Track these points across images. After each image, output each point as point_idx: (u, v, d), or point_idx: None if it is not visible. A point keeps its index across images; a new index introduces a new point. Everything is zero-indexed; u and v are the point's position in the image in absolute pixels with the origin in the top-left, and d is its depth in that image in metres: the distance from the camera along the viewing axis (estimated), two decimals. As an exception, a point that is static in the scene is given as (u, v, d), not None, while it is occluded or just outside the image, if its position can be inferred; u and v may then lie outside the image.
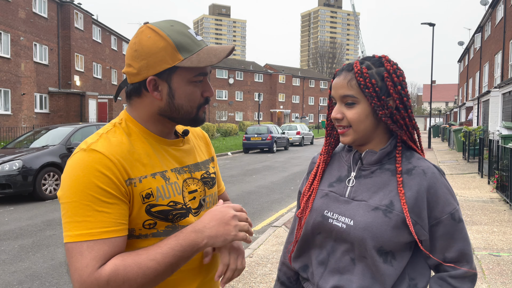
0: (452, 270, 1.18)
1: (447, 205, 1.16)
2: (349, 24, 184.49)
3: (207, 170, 1.29)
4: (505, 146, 7.85)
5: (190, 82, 1.11)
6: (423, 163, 1.20)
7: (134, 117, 1.15)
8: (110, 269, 0.97)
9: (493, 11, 24.87)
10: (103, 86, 32.55)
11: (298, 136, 28.04)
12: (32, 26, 23.71)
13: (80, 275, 0.96)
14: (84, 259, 0.97)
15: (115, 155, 1.04)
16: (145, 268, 1.00)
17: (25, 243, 5.61)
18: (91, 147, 1.04)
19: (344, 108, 1.19)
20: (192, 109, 1.14)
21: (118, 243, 1.01)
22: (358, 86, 1.16)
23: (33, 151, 9.02)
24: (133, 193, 1.05)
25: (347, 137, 1.20)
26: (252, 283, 4.05)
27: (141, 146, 1.12)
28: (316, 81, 67.56)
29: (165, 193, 1.10)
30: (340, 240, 1.20)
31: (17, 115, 22.59)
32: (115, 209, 1.01)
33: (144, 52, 1.07)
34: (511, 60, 19.94)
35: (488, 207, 7.38)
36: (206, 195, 1.25)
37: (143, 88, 1.11)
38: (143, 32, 1.09)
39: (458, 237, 1.17)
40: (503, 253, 4.86)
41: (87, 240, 0.98)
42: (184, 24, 1.14)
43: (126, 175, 1.04)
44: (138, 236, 1.09)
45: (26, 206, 8.15)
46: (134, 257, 1.00)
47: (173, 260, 1.03)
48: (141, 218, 1.07)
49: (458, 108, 37.46)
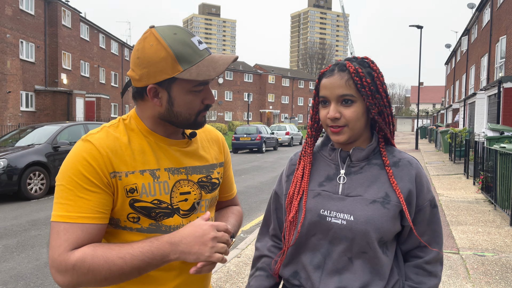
0: (422, 253, 1.26)
1: (428, 193, 1.25)
2: (338, 26, 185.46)
3: (208, 174, 1.27)
4: (490, 148, 7.97)
5: (190, 91, 1.13)
6: (405, 155, 1.29)
7: (139, 116, 1.20)
8: (79, 256, 1.02)
9: (479, 15, 25.23)
10: (90, 85, 32.20)
11: (287, 137, 28.12)
12: (18, 23, 23.35)
13: (53, 253, 1.03)
14: (59, 239, 1.03)
15: (105, 148, 1.09)
16: (111, 264, 1.03)
17: (9, 243, 5.53)
18: (87, 138, 1.11)
19: (341, 108, 1.20)
20: (190, 116, 1.16)
21: (92, 231, 1.06)
22: (355, 85, 1.19)
23: (18, 150, 8.89)
24: (117, 186, 1.09)
25: (342, 135, 1.21)
26: (240, 283, 4.04)
27: (139, 143, 1.15)
28: (305, 81, 67.78)
29: (151, 190, 1.13)
30: (337, 239, 1.20)
31: (2, 113, 22.23)
32: (95, 197, 1.06)
33: (145, 61, 1.09)
34: (497, 63, 20.24)
35: (473, 208, 7.48)
36: (202, 199, 1.24)
37: (145, 93, 1.14)
38: (147, 39, 1.10)
39: (433, 221, 1.27)
40: (487, 253, 4.93)
41: (65, 222, 1.04)
42: (188, 32, 1.14)
43: (111, 168, 1.09)
44: (124, 228, 1.13)
45: (11, 206, 8.03)
46: (104, 250, 1.04)
47: (140, 264, 1.04)
48: (125, 210, 1.11)
49: (445, 110, 37.92)
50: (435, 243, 1.27)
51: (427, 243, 1.26)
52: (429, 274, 1.25)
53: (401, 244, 1.28)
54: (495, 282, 4.05)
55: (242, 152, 22.99)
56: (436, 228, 1.27)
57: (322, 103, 1.25)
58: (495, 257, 4.79)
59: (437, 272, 1.27)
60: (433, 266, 1.26)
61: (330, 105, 1.22)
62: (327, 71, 1.24)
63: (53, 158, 9.30)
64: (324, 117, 1.23)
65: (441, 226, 1.29)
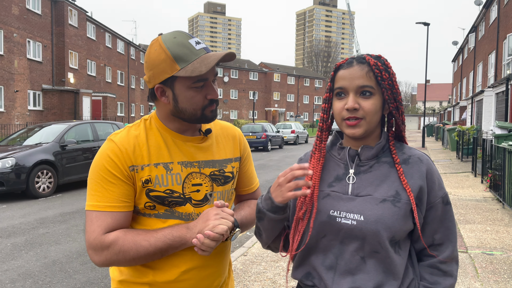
0: (436, 252, 1.23)
1: (440, 189, 1.23)
2: (344, 23, 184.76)
3: (221, 168, 1.38)
4: (498, 146, 7.91)
5: (190, 88, 1.24)
6: (415, 151, 1.26)
7: (158, 115, 1.34)
8: (112, 238, 1.21)
9: (487, 11, 25.02)
10: (97, 84, 32.36)
11: (292, 135, 28.08)
12: (25, 22, 23.51)
13: (89, 237, 1.22)
14: (93, 225, 1.22)
15: (125, 145, 1.26)
16: (138, 245, 1.21)
17: (17, 241, 5.57)
18: (111, 137, 1.29)
19: (360, 99, 1.18)
20: (196, 111, 1.27)
21: (119, 217, 1.24)
22: (375, 78, 1.18)
23: (26, 149, 8.95)
24: (135, 178, 1.25)
25: (359, 128, 1.18)
26: (247, 281, 4.05)
27: (155, 139, 1.30)
28: (311, 79, 67.62)
29: (163, 181, 1.27)
30: (348, 239, 1.18)
31: (10, 112, 22.41)
32: (118, 188, 1.23)
33: (150, 64, 1.25)
34: (505, 60, 20.06)
35: (481, 206, 7.42)
36: (214, 191, 1.35)
37: (155, 93, 1.29)
38: (153, 45, 1.25)
39: (446, 218, 1.24)
40: (496, 252, 4.89)
41: (96, 210, 1.23)
42: (187, 34, 1.27)
43: (130, 162, 1.25)
44: (143, 214, 1.29)
45: (19, 204, 8.09)
46: (134, 235, 1.23)
47: (162, 246, 1.22)
48: (142, 199, 1.27)
49: (452, 107, 37.67)
50: (449, 241, 1.23)
51: (441, 241, 1.23)
52: (444, 273, 1.22)
53: (414, 243, 1.25)
54: (503, 281, 4.01)
55: (248, 150, 22.97)
56: (449, 225, 1.23)
57: (338, 95, 1.21)
58: (504, 255, 4.76)
59: (453, 272, 1.23)
60: (448, 265, 1.22)
61: (348, 96, 1.19)
62: (345, 63, 1.22)
63: (60, 157, 9.36)
64: (340, 109, 1.20)
65: (455, 223, 1.26)
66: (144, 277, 1.29)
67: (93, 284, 4.12)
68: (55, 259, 4.85)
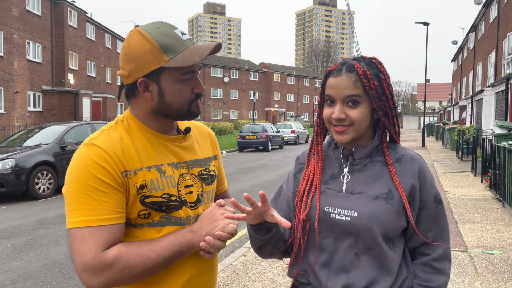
0: (429, 250, 1.25)
1: (432, 188, 1.25)
2: (343, 23, 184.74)
3: (206, 167, 1.33)
4: (498, 145, 7.90)
5: (178, 80, 1.17)
6: (408, 151, 1.29)
7: (134, 115, 1.23)
8: (115, 254, 1.06)
9: (486, 11, 25.01)
10: (97, 85, 32.37)
11: (293, 135, 28.08)
12: (25, 23, 23.52)
13: (84, 258, 1.05)
14: (86, 244, 1.05)
15: (113, 149, 1.13)
16: (145, 258, 1.09)
17: (18, 242, 5.57)
18: (92, 142, 1.14)
19: (347, 108, 1.21)
20: (183, 106, 1.20)
21: (116, 230, 1.10)
22: (363, 87, 1.19)
23: (26, 150, 8.96)
24: (129, 184, 1.13)
25: (347, 135, 1.21)
26: (247, 281, 4.05)
27: (140, 141, 1.19)
28: (311, 80, 67.64)
29: (159, 185, 1.17)
30: (342, 235, 1.21)
31: (10, 113, 22.41)
32: (112, 198, 1.10)
33: (132, 56, 1.14)
34: (505, 59, 20.06)
35: (481, 205, 7.42)
36: (204, 191, 1.30)
37: (136, 89, 1.18)
38: (132, 36, 1.16)
39: (439, 217, 1.26)
40: (496, 251, 4.89)
41: (88, 226, 1.06)
42: (171, 24, 1.19)
43: (122, 167, 1.12)
44: (134, 225, 1.17)
45: (19, 205, 8.09)
46: (136, 247, 1.10)
47: (170, 254, 1.12)
48: (136, 208, 1.15)
49: (452, 107, 37.65)
50: (442, 239, 1.26)
51: (434, 239, 1.25)
52: (437, 271, 1.24)
53: (408, 241, 1.28)
54: (503, 280, 4.01)
55: (248, 150, 22.99)
56: (442, 223, 1.26)
57: (327, 102, 1.25)
58: (504, 255, 4.75)
59: (446, 270, 1.25)
60: (441, 263, 1.25)
61: (336, 105, 1.22)
62: (335, 70, 1.24)
63: (60, 158, 9.36)
64: (328, 116, 1.24)
65: (447, 222, 1.28)
66: None
67: (93, 285, 4.12)
68: (55, 260, 4.85)
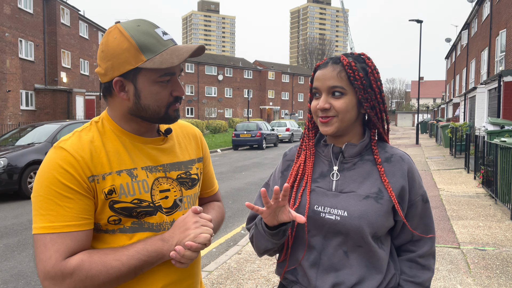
0: (414, 247, 1.27)
1: (420, 188, 1.27)
2: (338, 21, 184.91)
3: (187, 171, 1.26)
4: (490, 142, 7.96)
5: (156, 82, 1.11)
6: (397, 150, 1.30)
7: (110, 115, 1.18)
8: (76, 263, 1.02)
9: (479, 8, 25.14)
10: (90, 83, 32.18)
11: (287, 133, 28.11)
12: (17, 22, 23.30)
13: (44, 266, 1.01)
14: (47, 251, 1.02)
15: (80, 153, 1.08)
16: (109, 267, 1.04)
17: (10, 242, 5.54)
18: (60, 145, 1.09)
19: (331, 99, 1.21)
20: (159, 109, 1.14)
21: (80, 238, 1.05)
22: (347, 78, 1.20)
23: (18, 149, 8.89)
24: (96, 189, 1.08)
25: (331, 126, 1.21)
26: (241, 279, 4.05)
27: (112, 144, 1.14)
28: (305, 77, 67.68)
29: (129, 190, 1.11)
30: (331, 234, 1.20)
31: (2, 112, 22.23)
32: (77, 204, 1.05)
33: (109, 53, 1.09)
34: (497, 57, 20.18)
35: (474, 202, 7.47)
36: (183, 196, 1.23)
37: (112, 88, 1.13)
38: (111, 33, 1.11)
39: (425, 215, 1.29)
40: (488, 248, 4.93)
41: (50, 233, 1.02)
42: (152, 23, 1.14)
43: (89, 172, 1.07)
44: (105, 231, 1.12)
45: (12, 205, 8.04)
46: (100, 255, 1.05)
47: (137, 263, 1.07)
48: (105, 213, 1.10)
49: (445, 104, 37.85)
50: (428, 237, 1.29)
51: (419, 237, 1.28)
52: (422, 267, 1.27)
53: (394, 239, 1.29)
54: (495, 276, 4.04)
55: (242, 148, 22.98)
56: (428, 222, 1.29)
57: (314, 95, 1.26)
58: (496, 251, 4.79)
59: (431, 265, 1.28)
60: (426, 259, 1.28)
61: (321, 96, 1.23)
62: (322, 64, 1.26)
63: (53, 157, 9.30)
64: (314, 108, 1.24)
65: (433, 220, 1.32)
66: None
67: (86, 285, 4.10)
68: (48, 259, 4.82)
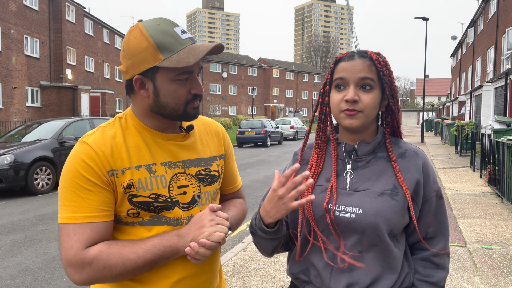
0: (428, 245, 1.24)
1: (434, 183, 1.24)
2: (342, 18, 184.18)
3: (207, 167, 1.28)
4: (497, 140, 7.91)
5: (174, 80, 1.14)
6: (411, 145, 1.28)
7: (133, 112, 1.22)
8: (95, 253, 1.07)
9: (486, 6, 24.95)
10: (95, 80, 32.26)
11: (292, 131, 28.08)
12: (23, 18, 23.39)
13: (66, 254, 1.08)
14: (70, 240, 1.08)
15: (101, 148, 1.13)
16: (126, 259, 1.08)
17: (17, 238, 5.57)
18: (84, 140, 1.15)
19: (360, 92, 1.17)
20: (178, 107, 1.16)
21: (100, 228, 1.10)
22: (377, 72, 1.18)
23: (24, 145, 8.94)
24: (116, 183, 1.13)
25: (357, 120, 1.17)
26: (246, 276, 4.05)
27: (134, 139, 1.18)
28: (310, 75, 67.51)
29: (147, 185, 1.15)
30: (347, 233, 1.18)
31: (8, 109, 22.34)
32: (97, 196, 1.10)
33: (129, 52, 1.13)
34: (504, 55, 20.03)
35: (480, 201, 7.44)
36: (202, 192, 1.25)
37: (134, 86, 1.17)
38: (132, 32, 1.14)
39: (439, 212, 1.25)
40: (495, 246, 4.91)
41: (72, 223, 1.09)
42: (172, 22, 1.15)
43: (108, 166, 1.12)
44: (126, 223, 1.17)
45: (18, 201, 8.08)
46: (119, 247, 1.10)
47: (152, 257, 1.10)
48: (125, 206, 1.14)
49: (450, 102, 37.65)
50: (442, 234, 1.25)
51: (433, 234, 1.25)
52: (437, 266, 1.24)
53: (408, 237, 1.26)
54: (502, 275, 4.03)
55: (247, 146, 22.98)
56: (442, 219, 1.25)
57: (337, 87, 1.20)
58: (503, 250, 4.77)
59: (445, 264, 1.25)
60: (441, 258, 1.24)
61: (348, 88, 1.18)
62: (346, 56, 1.21)
63: (59, 153, 9.34)
64: (338, 100, 1.19)
65: (447, 217, 1.28)
66: None
67: (93, 280, 4.12)
68: (55, 255, 4.85)
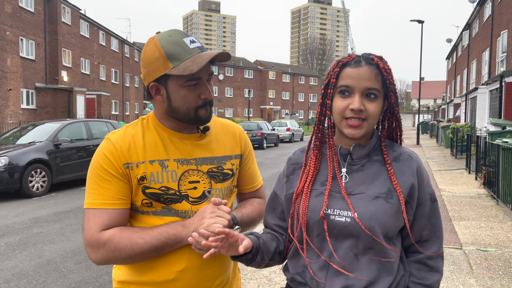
0: (423, 248, 1.25)
1: (428, 187, 1.24)
2: (338, 21, 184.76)
3: (219, 165, 1.38)
4: (492, 143, 7.94)
5: (183, 86, 1.25)
6: (405, 149, 1.29)
7: (155, 114, 1.36)
8: (108, 236, 1.22)
9: (481, 9, 25.11)
10: (91, 82, 32.16)
11: (288, 133, 28.10)
12: (18, 20, 23.29)
13: (86, 235, 1.25)
14: (89, 223, 1.24)
15: (120, 143, 1.28)
16: (134, 243, 1.22)
17: (11, 241, 5.53)
18: (108, 136, 1.31)
19: (365, 101, 1.17)
20: (189, 111, 1.28)
21: (115, 214, 1.25)
22: (383, 81, 1.18)
23: (19, 148, 8.88)
24: (131, 175, 1.27)
25: (361, 130, 1.17)
26: (242, 279, 4.04)
27: (152, 137, 1.32)
28: (306, 77, 67.65)
29: (158, 178, 1.28)
30: (342, 237, 1.18)
31: (3, 111, 22.22)
32: (114, 186, 1.25)
33: (145, 62, 1.27)
34: (499, 57, 20.16)
35: (475, 203, 7.46)
36: (212, 188, 1.35)
37: (150, 91, 1.31)
38: (149, 43, 1.27)
39: (433, 215, 1.26)
40: (490, 248, 4.92)
41: (92, 208, 1.25)
42: (182, 33, 1.28)
43: (124, 160, 1.27)
44: (141, 212, 1.31)
45: (13, 204, 8.03)
46: (129, 232, 1.24)
47: (157, 243, 1.23)
48: (139, 196, 1.28)
49: (446, 105, 37.82)
50: (435, 237, 1.26)
51: (427, 237, 1.25)
52: (431, 269, 1.24)
53: (403, 239, 1.27)
54: (498, 277, 4.03)
55: (243, 148, 22.96)
56: (436, 222, 1.26)
57: (341, 93, 1.18)
58: (498, 252, 4.78)
59: (439, 267, 1.25)
60: (435, 261, 1.25)
61: (353, 96, 1.16)
62: (352, 61, 1.18)
63: (54, 156, 9.29)
64: (343, 107, 1.17)
65: (441, 220, 1.28)
66: (143, 276, 1.30)
67: (88, 284, 4.09)
68: (50, 258, 4.81)
